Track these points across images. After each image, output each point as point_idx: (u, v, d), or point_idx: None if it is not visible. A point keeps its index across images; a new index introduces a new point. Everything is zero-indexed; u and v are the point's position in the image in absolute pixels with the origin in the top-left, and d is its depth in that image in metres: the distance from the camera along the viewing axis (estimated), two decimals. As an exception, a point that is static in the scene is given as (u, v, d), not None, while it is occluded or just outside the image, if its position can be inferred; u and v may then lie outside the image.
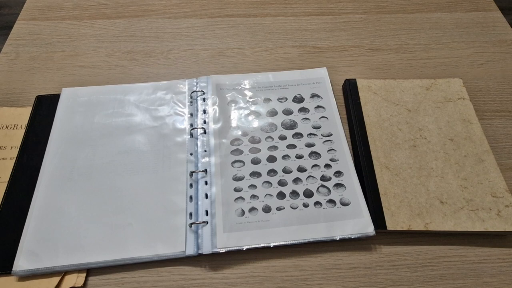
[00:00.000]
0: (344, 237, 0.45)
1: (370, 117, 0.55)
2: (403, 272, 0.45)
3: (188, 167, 0.51)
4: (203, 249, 0.44)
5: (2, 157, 0.52)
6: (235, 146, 0.53)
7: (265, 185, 0.49)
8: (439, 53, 0.66)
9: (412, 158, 0.51)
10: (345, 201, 0.48)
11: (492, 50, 0.67)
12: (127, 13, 0.71)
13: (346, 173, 0.50)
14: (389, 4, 0.74)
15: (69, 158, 0.51)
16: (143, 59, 0.64)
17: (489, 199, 0.47)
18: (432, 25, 0.70)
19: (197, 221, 0.46)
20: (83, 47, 0.66)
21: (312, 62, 0.64)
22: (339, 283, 0.44)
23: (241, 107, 0.57)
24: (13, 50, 0.65)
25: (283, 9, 0.73)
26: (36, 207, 0.47)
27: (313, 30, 0.69)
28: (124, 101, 0.57)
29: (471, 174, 0.50)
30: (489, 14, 0.72)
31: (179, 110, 0.56)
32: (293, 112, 0.56)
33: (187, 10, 0.72)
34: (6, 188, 0.48)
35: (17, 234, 0.45)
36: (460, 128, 0.54)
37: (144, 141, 0.53)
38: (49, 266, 0.43)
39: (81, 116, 0.55)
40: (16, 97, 0.59)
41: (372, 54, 0.66)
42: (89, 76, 0.62)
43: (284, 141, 0.53)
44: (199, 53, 0.66)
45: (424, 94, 0.57)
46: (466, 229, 0.45)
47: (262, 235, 0.45)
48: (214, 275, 0.44)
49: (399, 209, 0.47)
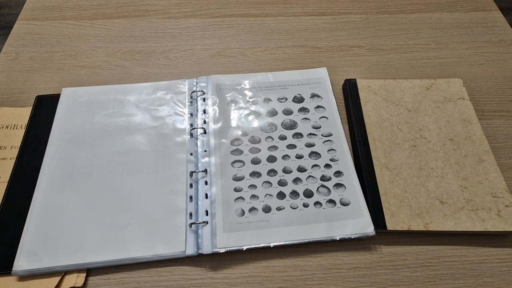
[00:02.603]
0: (344, 237, 0.45)
1: (370, 117, 0.55)
2: (403, 272, 0.45)
3: (188, 167, 0.51)
4: (203, 249, 0.44)
5: (2, 157, 0.52)
6: (235, 146, 0.53)
7: (265, 185, 0.49)
8: (439, 53, 0.66)
9: (412, 158, 0.51)
10: (345, 201, 0.48)
11: (492, 50, 0.67)
12: (127, 13, 0.71)
13: (346, 173, 0.50)
14: (389, 4, 0.74)
15: (69, 158, 0.51)
16: (143, 59, 0.64)
17: (489, 199, 0.47)
18: (432, 25, 0.70)
19: (197, 221, 0.46)
20: (83, 47, 0.66)
21: (312, 62, 0.64)
22: (339, 283, 0.44)
23: (241, 107, 0.57)
24: (13, 50, 0.65)
25: (283, 9, 0.73)
26: (36, 207, 0.47)
27: (313, 30, 0.69)
28: (124, 101, 0.57)
29: (471, 174, 0.50)
30: (489, 14, 0.72)
31: (179, 110, 0.56)
32: (293, 112, 0.56)
33: (187, 10, 0.72)
34: (6, 188, 0.48)
35: (17, 234, 0.45)
36: (460, 128, 0.54)
37: (144, 141, 0.53)
38: (49, 266, 0.43)
39: (81, 116, 0.55)
40: (16, 97, 0.59)
41: (372, 54, 0.66)
42: (89, 76, 0.62)
43: (284, 141, 0.53)
44: (199, 53, 0.66)
45: (424, 94, 0.57)
46: (466, 229, 0.45)
47: (262, 235, 0.45)
48: (214, 275, 0.44)
49: (399, 209, 0.47)
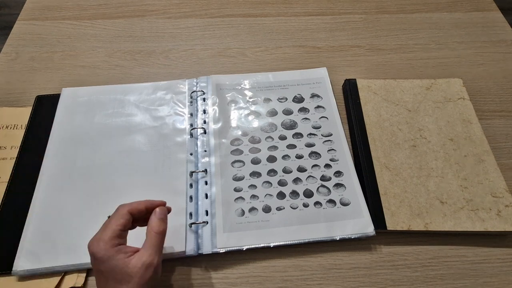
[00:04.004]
0: (344, 237, 0.45)
1: (370, 117, 0.55)
2: (403, 272, 0.45)
3: (188, 167, 0.51)
4: (203, 249, 0.44)
5: (2, 157, 0.52)
6: (235, 146, 0.53)
7: (265, 185, 0.49)
8: (439, 53, 0.66)
9: (412, 158, 0.51)
10: (345, 201, 0.48)
11: (492, 50, 0.67)
12: (127, 13, 0.71)
13: (346, 173, 0.50)
14: (389, 4, 0.74)
15: (69, 158, 0.51)
16: (143, 59, 0.64)
17: (489, 199, 0.47)
18: (432, 25, 0.70)
19: (197, 221, 0.46)
20: (83, 47, 0.66)
21: (312, 62, 0.64)
22: (339, 283, 0.44)
23: (241, 107, 0.57)
24: (13, 50, 0.65)
25: (283, 9, 0.73)
26: (36, 207, 0.47)
27: (313, 30, 0.69)
28: (124, 101, 0.57)
29: (471, 174, 0.50)
30: (489, 14, 0.72)
31: (179, 110, 0.56)
32: (293, 112, 0.56)
33: (187, 10, 0.72)
34: (6, 188, 0.48)
35: (17, 234, 0.45)
36: (460, 128, 0.54)
37: (144, 141, 0.53)
38: (49, 266, 0.43)
39: (81, 116, 0.55)
40: (16, 97, 0.59)
41: (372, 54, 0.66)
42: (89, 76, 0.62)
43: (284, 141, 0.53)
44: (199, 53, 0.66)
45: (424, 94, 0.57)
46: (466, 229, 0.45)
47: (262, 235, 0.45)
48: (214, 275, 0.44)
49: (399, 209, 0.47)
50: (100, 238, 0.35)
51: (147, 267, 0.34)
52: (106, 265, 0.34)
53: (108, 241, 0.34)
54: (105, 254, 0.34)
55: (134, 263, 0.34)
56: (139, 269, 0.34)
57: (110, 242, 0.34)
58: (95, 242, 0.35)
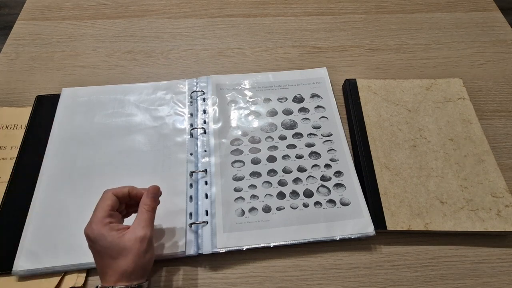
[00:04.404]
0: (344, 237, 0.45)
1: (370, 117, 0.55)
2: (403, 272, 0.45)
3: (188, 167, 0.51)
4: (203, 249, 0.44)
5: (2, 157, 0.52)
6: (235, 146, 0.53)
7: (265, 185, 0.49)
8: (439, 53, 0.66)
9: (412, 158, 0.51)
10: (345, 201, 0.48)
11: (492, 50, 0.67)
12: (127, 13, 0.71)
13: (346, 173, 0.50)
14: (389, 4, 0.74)
15: (69, 158, 0.51)
16: (143, 59, 0.64)
17: (489, 199, 0.47)
18: (432, 25, 0.70)
19: (197, 221, 0.46)
20: (83, 47, 0.66)
21: (312, 62, 0.64)
22: (339, 283, 0.44)
23: (241, 107, 0.57)
24: (13, 50, 0.65)
25: (283, 9, 0.73)
26: (36, 207, 0.47)
27: (313, 30, 0.69)
28: (124, 101, 0.57)
29: (471, 174, 0.50)
30: (489, 14, 0.72)
31: (179, 110, 0.56)
32: (293, 112, 0.56)
33: (187, 10, 0.72)
34: (6, 188, 0.48)
35: (17, 234, 0.45)
36: (460, 128, 0.54)
37: (144, 141, 0.53)
38: (49, 266, 0.43)
39: (81, 116, 0.55)
40: (16, 97, 0.59)
41: (372, 54, 0.66)
42: (89, 76, 0.62)
43: (284, 141, 0.53)
44: (199, 53, 0.66)
45: (424, 94, 0.57)
46: (466, 229, 0.45)
47: (262, 235, 0.45)
48: (214, 275, 0.44)
49: (399, 209, 0.47)
50: (92, 220, 0.37)
51: (141, 239, 0.36)
52: (101, 244, 0.35)
53: (99, 222, 0.36)
54: (99, 233, 0.35)
55: (128, 237, 0.36)
56: (134, 242, 0.35)
57: (101, 222, 0.36)
58: (87, 226, 0.37)
